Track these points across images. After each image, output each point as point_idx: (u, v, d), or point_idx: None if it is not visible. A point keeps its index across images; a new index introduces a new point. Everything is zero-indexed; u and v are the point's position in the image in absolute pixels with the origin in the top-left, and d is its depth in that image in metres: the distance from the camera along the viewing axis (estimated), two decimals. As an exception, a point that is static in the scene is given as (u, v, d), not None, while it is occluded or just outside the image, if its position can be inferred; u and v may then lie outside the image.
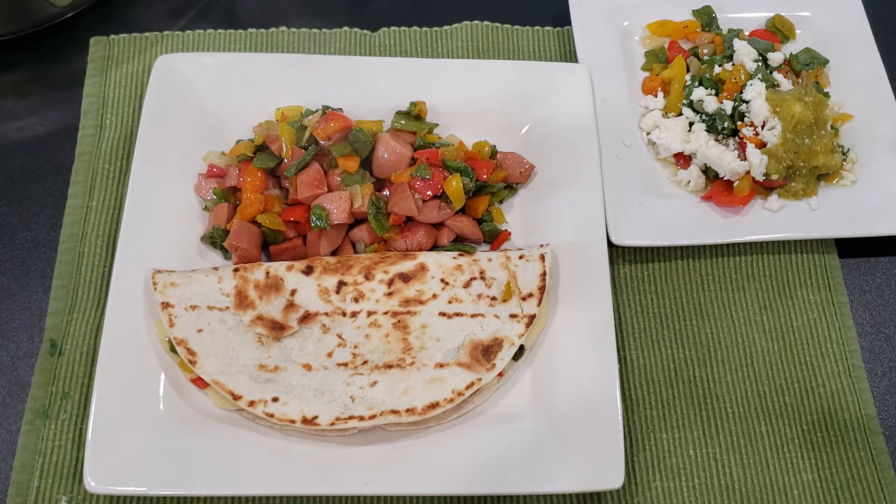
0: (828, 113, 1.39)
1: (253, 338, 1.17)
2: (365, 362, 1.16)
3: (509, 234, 1.33)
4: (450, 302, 1.21)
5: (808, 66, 1.49)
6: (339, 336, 1.18)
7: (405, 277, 1.22)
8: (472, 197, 1.30)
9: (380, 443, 1.13)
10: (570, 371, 1.19)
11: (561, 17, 1.60)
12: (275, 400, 1.12)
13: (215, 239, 1.27)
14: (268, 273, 1.22)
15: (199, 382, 1.15)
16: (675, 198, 1.39)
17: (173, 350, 1.15)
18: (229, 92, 1.39)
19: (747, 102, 1.38)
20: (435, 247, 1.30)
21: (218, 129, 1.38)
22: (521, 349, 1.18)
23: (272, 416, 1.11)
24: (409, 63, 1.46)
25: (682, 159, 1.42)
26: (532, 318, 1.19)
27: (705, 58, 1.49)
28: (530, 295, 1.21)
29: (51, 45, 1.53)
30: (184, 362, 1.14)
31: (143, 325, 1.19)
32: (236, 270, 1.22)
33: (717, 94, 1.42)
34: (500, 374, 1.16)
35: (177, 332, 1.15)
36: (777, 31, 1.56)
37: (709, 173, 1.40)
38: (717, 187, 1.38)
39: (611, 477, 1.10)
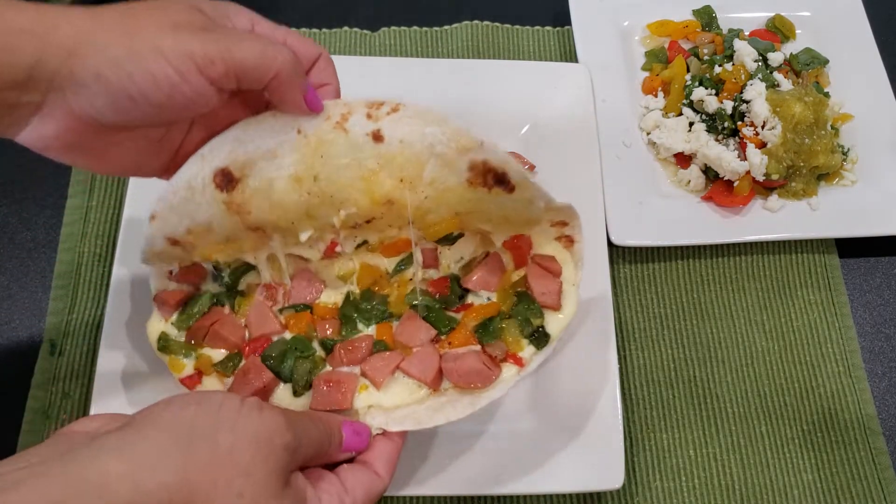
0: (828, 113, 1.39)
1: None
2: None
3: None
4: None
5: (808, 66, 1.49)
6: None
7: None
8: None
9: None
10: (570, 371, 1.19)
11: (561, 17, 1.60)
12: None
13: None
14: None
15: (189, 382, 1.09)
16: (675, 198, 1.39)
17: (162, 350, 1.09)
18: (229, 92, 1.39)
19: (747, 102, 1.38)
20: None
21: (218, 129, 1.38)
22: (547, 337, 1.04)
23: None
24: (410, 63, 1.46)
25: (682, 159, 1.42)
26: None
27: (705, 58, 1.49)
28: None
29: (51, 45, 1.53)
30: (173, 362, 1.08)
31: (143, 325, 1.19)
32: None
33: (717, 94, 1.42)
34: (522, 364, 1.03)
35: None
36: (777, 30, 1.56)
37: (709, 173, 1.40)
38: (718, 187, 1.38)
39: (611, 477, 1.10)
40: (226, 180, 0.91)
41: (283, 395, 0.99)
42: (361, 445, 0.90)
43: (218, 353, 1.03)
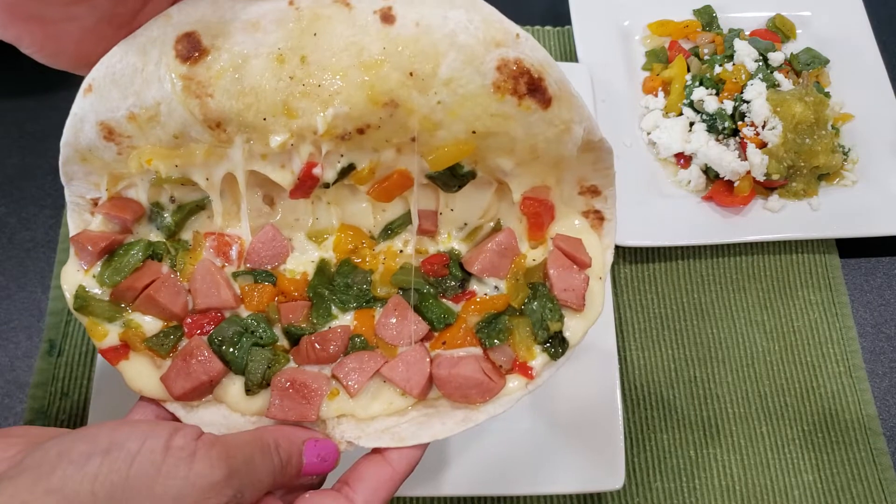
0: (828, 113, 1.39)
1: None
2: None
3: None
4: None
5: (808, 66, 1.49)
6: None
7: None
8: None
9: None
10: (571, 372, 1.18)
11: (561, 17, 1.59)
12: None
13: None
14: None
15: (112, 354, 0.81)
16: (675, 198, 1.39)
17: (80, 309, 0.81)
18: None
19: (748, 102, 1.38)
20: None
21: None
22: (564, 344, 0.84)
23: None
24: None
25: (683, 159, 1.41)
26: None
27: (706, 57, 1.49)
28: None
29: (50, 45, 1.53)
30: (93, 326, 0.81)
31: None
32: None
33: (717, 94, 1.42)
34: (531, 376, 0.83)
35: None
36: (778, 30, 1.55)
37: (709, 173, 1.39)
38: (718, 187, 1.37)
39: (611, 477, 1.10)
40: (190, 48, 0.71)
41: (233, 391, 0.79)
42: (326, 470, 0.75)
43: (151, 323, 0.81)
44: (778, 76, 1.42)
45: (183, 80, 0.71)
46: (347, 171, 0.78)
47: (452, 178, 0.80)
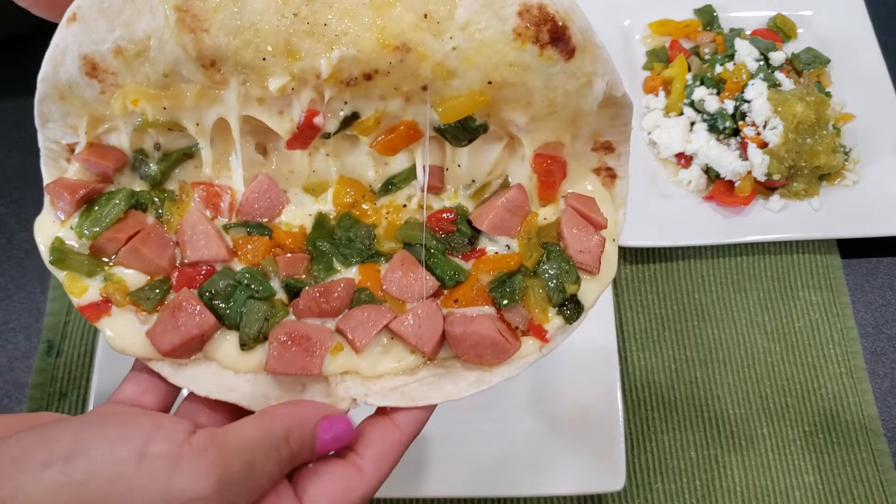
0: (829, 113, 1.39)
1: None
2: None
3: None
4: None
5: (809, 66, 1.48)
6: None
7: None
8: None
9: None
10: (571, 371, 1.18)
11: (561, 17, 1.59)
12: None
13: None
14: None
15: (93, 311, 0.76)
16: (676, 198, 1.38)
17: (57, 263, 0.75)
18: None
19: (749, 102, 1.38)
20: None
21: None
22: (580, 308, 0.79)
23: None
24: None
25: (684, 159, 1.41)
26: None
27: (707, 57, 1.48)
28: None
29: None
30: (72, 281, 0.75)
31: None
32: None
33: (718, 94, 1.41)
34: (546, 339, 0.78)
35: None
36: (779, 30, 1.55)
37: (710, 173, 1.39)
38: (719, 187, 1.37)
39: (612, 479, 1.09)
40: None
41: (224, 347, 0.73)
42: (336, 449, 0.69)
43: (135, 277, 0.75)
44: (779, 76, 1.42)
45: (177, 13, 0.66)
46: (350, 120, 0.74)
47: (463, 131, 0.75)
